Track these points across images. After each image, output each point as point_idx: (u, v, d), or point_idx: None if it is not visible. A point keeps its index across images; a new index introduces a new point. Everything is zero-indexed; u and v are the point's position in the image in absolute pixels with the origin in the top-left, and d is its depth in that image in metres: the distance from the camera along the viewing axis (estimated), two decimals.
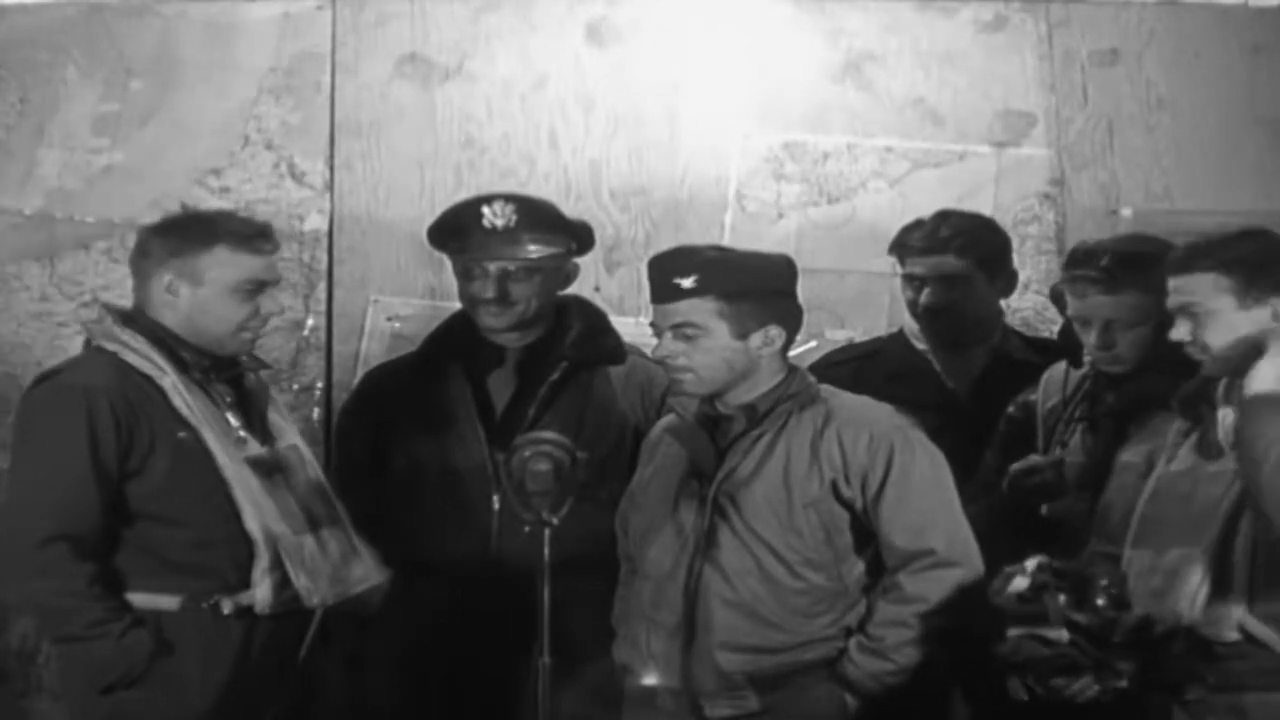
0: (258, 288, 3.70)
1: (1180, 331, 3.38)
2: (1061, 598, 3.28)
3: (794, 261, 3.66)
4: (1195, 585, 3.25)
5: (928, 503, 3.49)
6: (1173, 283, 3.39)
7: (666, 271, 3.52)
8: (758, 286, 3.53)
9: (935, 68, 4.81)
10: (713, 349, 3.49)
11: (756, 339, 3.51)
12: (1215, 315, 3.33)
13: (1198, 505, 3.31)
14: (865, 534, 3.52)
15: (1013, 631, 3.30)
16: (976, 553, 3.51)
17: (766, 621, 3.49)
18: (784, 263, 3.65)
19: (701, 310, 3.48)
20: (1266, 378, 3.12)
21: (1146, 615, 3.28)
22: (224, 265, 3.66)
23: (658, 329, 3.55)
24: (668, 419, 3.71)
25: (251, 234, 3.71)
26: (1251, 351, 3.23)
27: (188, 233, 3.71)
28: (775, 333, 3.53)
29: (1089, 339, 3.82)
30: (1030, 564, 3.32)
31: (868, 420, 3.53)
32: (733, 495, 3.52)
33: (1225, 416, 3.36)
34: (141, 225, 3.90)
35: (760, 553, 3.50)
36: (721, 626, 3.50)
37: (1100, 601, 3.28)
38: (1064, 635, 3.27)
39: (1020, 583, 3.30)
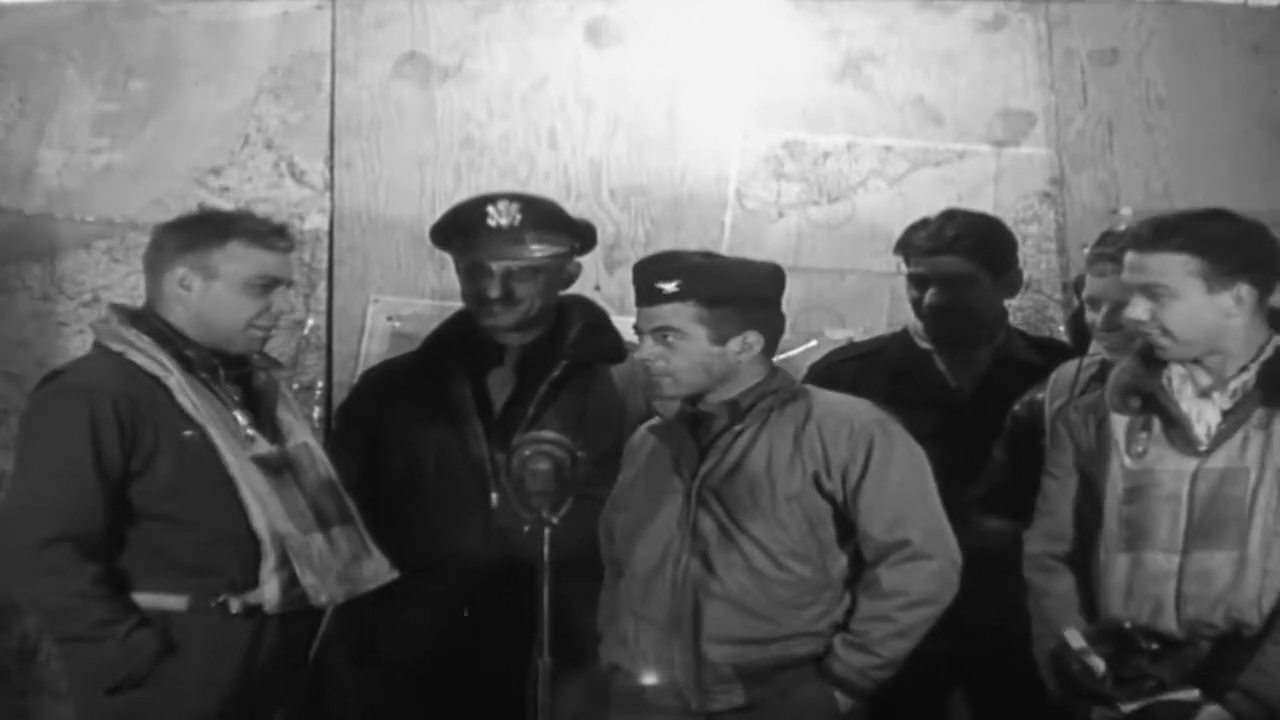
0: (270, 284, 3.71)
1: (1138, 311, 3.30)
2: (1144, 661, 3.28)
3: (782, 270, 3.67)
4: (1257, 588, 3.23)
5: (905, 495, 3.52)
6: (1136, 259, 3.30)
7: (650, 276, 3.56)
8: (738, 294, 3.55)
9: (935, 67, 4.80)
10: (691, 353, 3.53)
11: (735, 344, 3.54)
12: (1181, 297, 3.27)
13: (1225, 506, 3.26)
14: (848, 526, 3.54)
15: (1130, 706, 3.29)
16: (953, 545, 3.53)
17: (755, 613, 3.51)
18: (770, 271, 3.67)
19: (681, 315, 3.52)
20: None
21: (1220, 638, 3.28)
22: (237, 259, 3.67)
23: (640, 331, 3.59)
24: (650, 421, 3.74)
25: (266, 231, 3.72)
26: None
27: (203, 228, 3.73)
28: (754, 339, 3.56)
29: (1097, 320, 3.81)
30: (1075, 642, 3.32)
31: (848, 414, 3.56)
32: (716, 490, 3.54)
33: (1199, 408, 3.31)
34: (156, 224, 3.91)
35: (745, 545, 3.52)
36: (710, 619, 3.52)
37: (1154, 646, 3.29)
38: (1196, 693, 3.28)
39: (1097, 662, 3.30)
